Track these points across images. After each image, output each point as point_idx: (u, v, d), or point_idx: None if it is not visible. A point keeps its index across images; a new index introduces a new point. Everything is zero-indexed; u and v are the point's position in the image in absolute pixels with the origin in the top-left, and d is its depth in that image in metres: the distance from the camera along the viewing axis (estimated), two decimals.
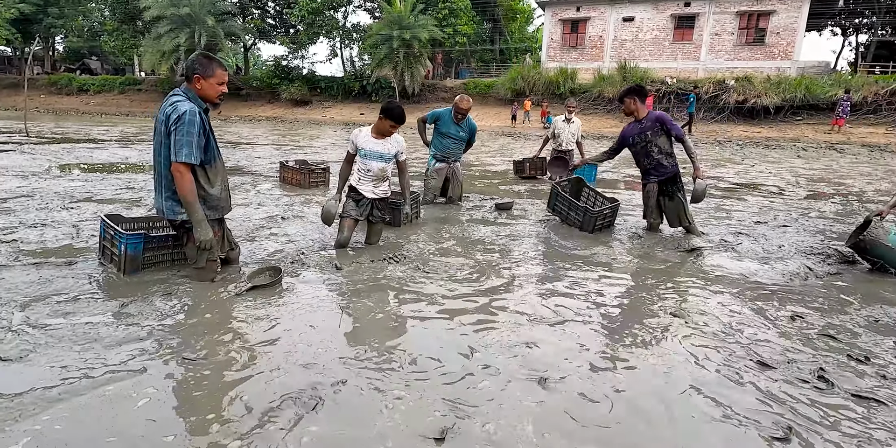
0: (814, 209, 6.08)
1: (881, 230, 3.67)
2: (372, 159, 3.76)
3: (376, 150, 3.76)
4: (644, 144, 4.47)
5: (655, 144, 4.43)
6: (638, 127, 4.48)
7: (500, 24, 36.13)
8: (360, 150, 3.75)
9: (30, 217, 4.50)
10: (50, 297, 2.75)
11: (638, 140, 4.49)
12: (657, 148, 4.44)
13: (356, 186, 3.83)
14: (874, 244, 3.63)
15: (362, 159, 3.76)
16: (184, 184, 2.79)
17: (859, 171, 10.33)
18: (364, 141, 3.75)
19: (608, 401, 1.96)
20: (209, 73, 2.87)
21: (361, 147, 3.74)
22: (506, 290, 3.17)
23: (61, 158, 8.89)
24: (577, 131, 7.42)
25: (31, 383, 1.93)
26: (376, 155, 3.76)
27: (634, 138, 4.51)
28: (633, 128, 4.53)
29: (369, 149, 3.74)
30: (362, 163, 3.78)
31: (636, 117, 4.50)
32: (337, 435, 1.72)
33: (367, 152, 3.75)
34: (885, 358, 2.38)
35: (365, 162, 3.77)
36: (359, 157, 3.77)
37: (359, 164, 3.79)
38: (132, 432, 1.69)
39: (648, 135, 4.43)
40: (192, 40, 28.29)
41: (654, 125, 4.41)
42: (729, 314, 2.86)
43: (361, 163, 3.78)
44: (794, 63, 23.79)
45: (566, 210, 4.88)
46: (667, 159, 4.47)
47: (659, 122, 4.41)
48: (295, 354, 2.24)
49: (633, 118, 4.53)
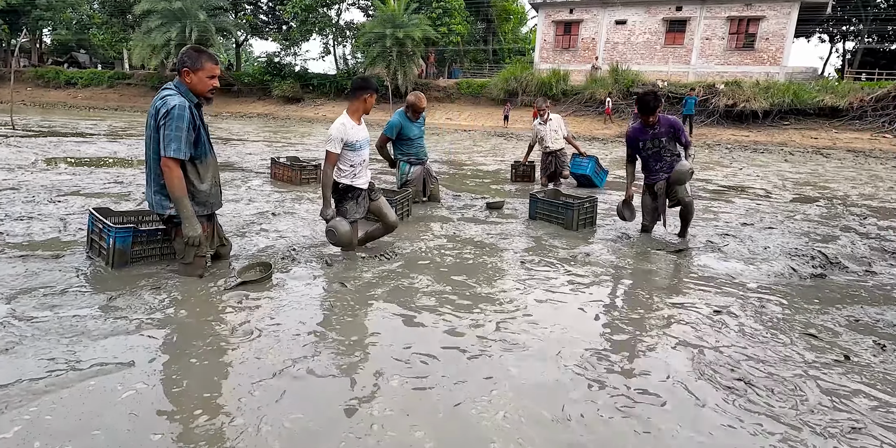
0: (799, 212, 6.17)
1: None
2: (365, 148, 3.59)
3: (365, 137, 3.60)
4: (657, 149, 4.48)
5: (668, 149, 4.46)
6: (651, 132, 4.46)
7: (493, 25, 36.20)
8: (353, 144, 3.46)
9: (16, 210, 4.44)
10: (36, 289, 2.72)
11: (650, 146, 4.49)
12: (669, 152, 4.47)
13: (351, 184, 3.55)
14: None
15: (356, 152, 3.50)
16: (172, 179, 2.78)
17: (844, 175, 10.50)
18: (353, 132, 3.47)
19: (583, 396, 1.99)
20: (198, 66, 2.84)
21: (354, 140, 3.47)
22: (496, 288, 3.19)
23: (48, 152, 8.78)
24: (559, 128, 7.03)
25: (17, 375, 1.92)
26: (365, 141, 3.60)
27: (646, 143, 4.50)
28: (644, 133, 4.48)
29: (361, 138, 3.54)
30: (356, 155, 3.51)
31: (649, 123, 4.44)
32: (323, 430, 1.73)
33: (361, 143, 3.53)
34: (864, 356, 2.43)
35: (360, 154, 3.53)
36: (350, 152, 3.48)
37: (351, 159, 3.50)
38: (118, 426, 1.68)
39: (663, 141, 4.44)
40: (183, 35, 28.04)
41: (668, 131, 4.43)
42: (714, 313, 2.90)
43: (356, 156, 3.51)
44: (783, 68, 24.11)
45: (548, 214, 4.95)
46: (675, 160, 4.52)
47: (673, 128, 4.43)
48: (283, 349, 2.25)
49: (641, 123, 4.51)
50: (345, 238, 3.48)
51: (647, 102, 4.28)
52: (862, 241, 4.76)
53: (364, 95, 3.49)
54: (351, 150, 3.49)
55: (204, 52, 2.88)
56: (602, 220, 5.12)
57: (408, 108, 5.31)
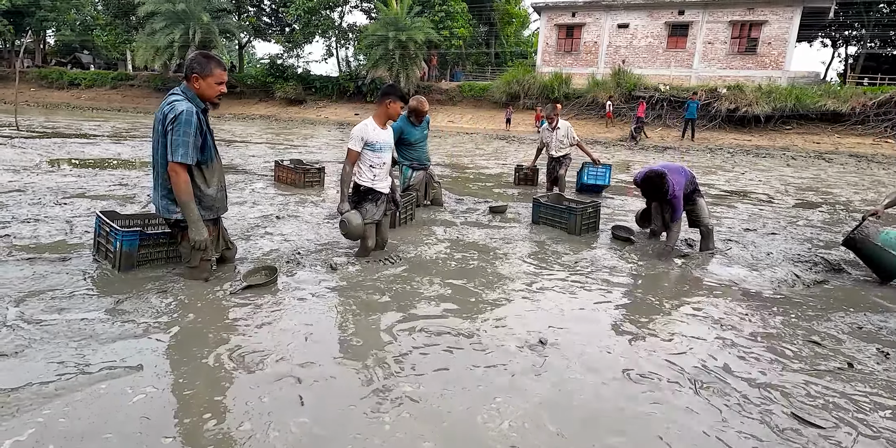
0: (802, 217, 6.18)
1: (873, 229, 3.75)
2: (386, 151, 3.65)
3: (387, 141, 3.67)
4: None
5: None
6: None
7: (495, 28, 36.28)
8: (373, 144, 3.54)
9: (22, 212, 4.47)
10: (44, 292, 2.74)
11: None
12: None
13: (372, 187, 3.62)
14: (864, 242, 3.72)
15: (376, 153, 3.57)
16: (179, 184, 2.80)
17: (847, 180, 10.51)
18: (375, 134, 3.56)
19: (591, 399, 2.01)
20: (207, 73, 2.87)
21: (375, 141, 3.55)
22: (499, 292, 3.21)
23: (52, 153, 8.82)
24: (564, 137, 6.97)
25: (26, 379, 1.94)
26: (388, 145, 3.67)
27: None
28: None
29: (382, 140, 3.60)
30: (376, 157, 3.58)
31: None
32: (330, 434, 1.74)
33: (382, 145, 3.60)
34: (868, 364, 2.44)
35: (380, 155, 3.60)
36: (370, 152, 3.55)
37: (371, 160, 3.57)
38: (129, 429, 1.70)
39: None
40: (187, 37, 28.12)
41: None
42: (717, 319, 2.91)
43: (375, 157, 3.58)
44: (785, 73, 24.12)
45: (551, 218, 4.98)
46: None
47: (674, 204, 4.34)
48: (289, 353, 2.26)
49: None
50: (355, 230, 3.51)
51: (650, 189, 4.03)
52: None
53: (386, 101, 3.59)
54: (371, 151, 3.57)
55: (213, 59, 2.91)
56: (605, 225, 5.13)
57: (410, 112, 5.32)
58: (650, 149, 17.07)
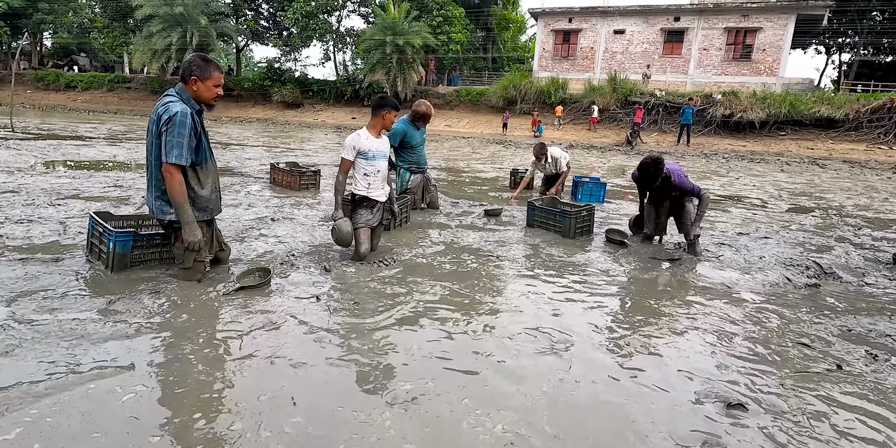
0: (795, 222, 6.22)
1: None
2: (379, 159, 3.71)
3: (381, 150, 3.73)
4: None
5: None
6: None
7: (493, 33, 36.47)
8: (366, 153, 3.64)
9: (15, 213, 4.45)
10: (36, 292, 2.73)
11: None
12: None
13: (367, 195, 3.73)
14: None
15: (369, 162, 3.66)
16: (173, 185, 2.80)
17: (840, 186, 10.58)
18: (368, 143, 3.65)
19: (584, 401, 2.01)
20: (206, 76, 2.88)
21: (368, 149, 3.64)
22: (493, 294, 3.22)
23: (48, 155, 8.80)
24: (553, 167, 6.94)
25: (17, 378, 1.93)
26: (381, 154, 3.73)
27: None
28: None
29: (375, 149, 3.68)
30: (370, 165, 3.67)
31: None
32: (323, 435, 1.74)
33: (375, 153, 3.68)
34: (857, 366, 2.46)
35: (373, 164, 3.68)
36: (363, 161, 3.65)
37: (365, 168, 3.67)
38: (117, 428, 1.70)
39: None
40: (184, 40, 28.18)
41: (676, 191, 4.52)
42: (709, 322, 2.93)
43: (369, 165, 3.67)
44: (779, 79, 24.33)
45: (545, 221, 5.00)
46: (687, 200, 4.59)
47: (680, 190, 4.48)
48: (282, 355, 2.26)
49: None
50: (345, 237, 3.62)
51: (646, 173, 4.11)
52: (856, 251, 4.80)
53: (382, 112, 3.68)
54: (364, 159, 3.66)
55: (211, 62, 2.92)
56: (599, 229, 5.15)
57: (417, 117, 5.34)
58: (646, 154, 17.13)
